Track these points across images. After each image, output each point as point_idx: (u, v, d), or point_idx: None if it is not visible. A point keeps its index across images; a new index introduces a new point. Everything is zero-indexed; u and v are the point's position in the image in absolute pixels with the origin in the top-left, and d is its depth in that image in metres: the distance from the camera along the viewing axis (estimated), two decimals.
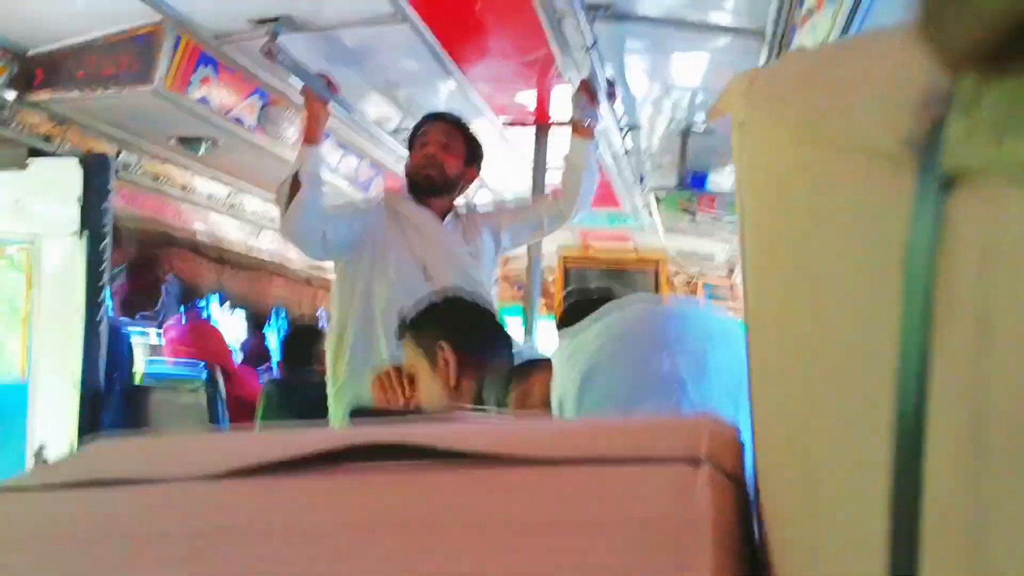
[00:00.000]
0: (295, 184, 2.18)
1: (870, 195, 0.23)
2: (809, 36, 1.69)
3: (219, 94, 2.53)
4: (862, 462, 0.24)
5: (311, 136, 2.26)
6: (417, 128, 2.43)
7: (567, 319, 2.57)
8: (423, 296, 1.86)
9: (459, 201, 2.47)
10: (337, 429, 1.58)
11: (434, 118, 2.42)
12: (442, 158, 2.35)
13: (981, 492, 0.18)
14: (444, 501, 0.45)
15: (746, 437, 0.57)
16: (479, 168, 2.48)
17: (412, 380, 1.65)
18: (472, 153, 2.43)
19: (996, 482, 0.17)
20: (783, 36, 1.91)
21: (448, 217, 2.41)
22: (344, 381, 2.32)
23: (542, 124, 3.12)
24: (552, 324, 4.44)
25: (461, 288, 1.91)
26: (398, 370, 1.69)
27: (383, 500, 0.46)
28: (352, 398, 2.27)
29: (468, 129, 2.44)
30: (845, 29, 1.50)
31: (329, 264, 2.46)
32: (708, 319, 0.98)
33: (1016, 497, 0.17)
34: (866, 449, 0.23)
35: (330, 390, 2.38)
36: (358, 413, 0.96)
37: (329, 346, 2.39)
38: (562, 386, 0.95)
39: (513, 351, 1.65)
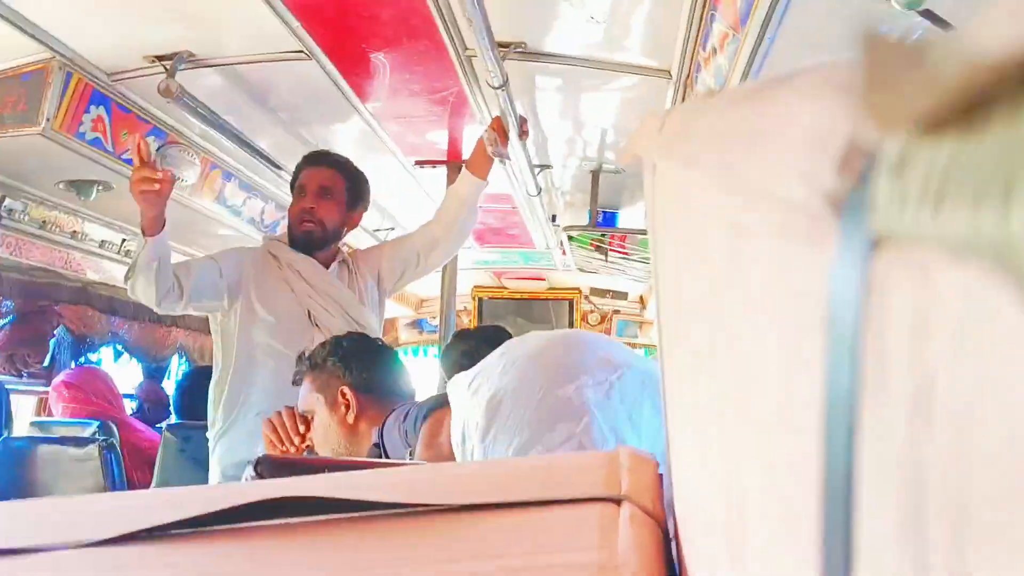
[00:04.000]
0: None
1: (790, 249, 0.22)
2: (713, 76, 1.73)
3: (112, 135, 2.43)
4: (790, 532, 0.22)
5: (146, 229, 2.10)
6: (297, 171, 2.38)
7: (451, 357, 2.53)
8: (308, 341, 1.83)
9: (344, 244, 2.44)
10: (234, 485, 1.53)
11: (312, 161, 2.37)
12: (320, 212, 2.31)
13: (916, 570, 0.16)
14: (357, 558, 0.41)
15: (662, 470, 0.56)
16: (366, 206, 2.44)
17: (307, 422, 1.61)
18: (356, 195, 2.39)
19: (934, 562, 0.15)
20: (688, 75, 1.96)
21: (333, 265, 2.36)
22: (222, 428, 2.26)
23: (453, 163, 3.11)
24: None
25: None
26: (291, 412, 1.65)
27: (287, 561, 0.42)
28: (229, 446, 2.22)
29: (350, 168, 2.39)
30: (746, 70, 1.54)
31: None
32: (609, 347, 0.98)
33: None
34: (793, 519, 0.22)
35: (210, 436, 2.31)
36: (261, 463, 0.91)
37: (210, 395, 2.32)
38: (464, 418, 0.93)
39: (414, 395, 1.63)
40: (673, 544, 0.45)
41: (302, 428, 1.63)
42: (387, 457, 1.32)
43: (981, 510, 0.14)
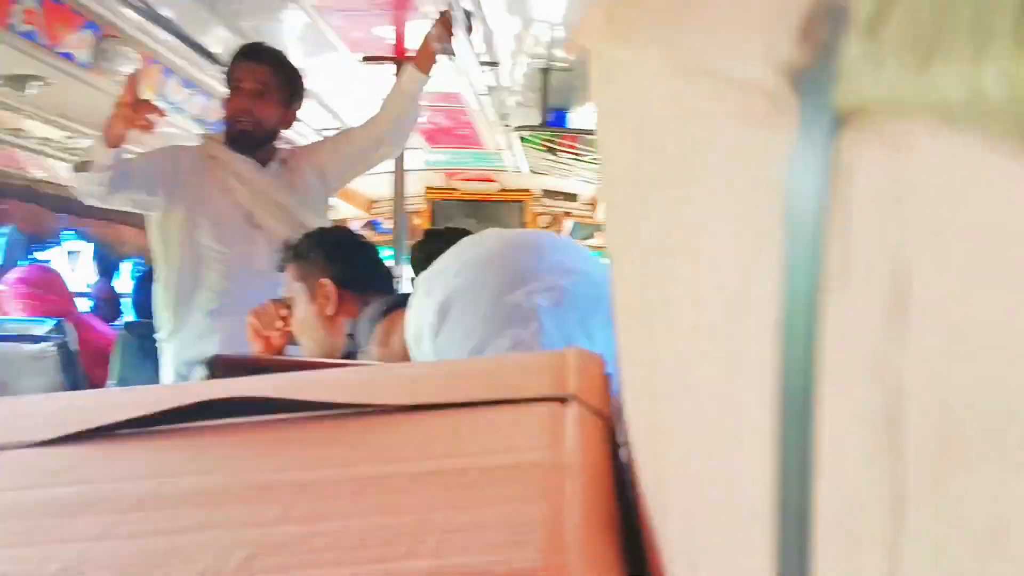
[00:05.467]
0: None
1: (746, 134, 0.20)
2: None
3: (47, 27, 2.31)
4: (741, 439, 0.21)
5: (112, 137, 2.05)
6: (232, 65, 2.29)
7: (419, 256, 2.56)
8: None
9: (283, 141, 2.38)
10: (182, 385, 1.54)
11: (247, 56, 2.28)
12: (257, 111, 2.24)
13: (891, 490, 0.14)
14: (303, 457, 0.42)
15: (611, 369, 0.57)
16: (301, 103, 2.37)
17: (289, 310, 1.64)
18: (292, 92, 2.32)
19: (912, 481, 0.14)
20: None
21: (271, 164, 2.31)
22: (170, 330, 2.25)
23: (400, 60, 3.03)
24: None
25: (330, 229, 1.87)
26: (276, 303, 1.67)
27: (236, 461, 0.42)
28: (179, 346, 2.22)
29: (285, 64, 2.31)
30: None
31: None
32: (564, 251, 0.98)
33: (935, 503, 0.14)
34: (746, 426, 0.21)
35: (159, 338, 2.30)
36: (214, 363, 0.91)
37: (154, 299, 2.29)
38: (418, 318, 0.93)
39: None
40: (622, 448, 0.46)
41: (284, 313, 1.65)
42: (359, 348, 1.34)
43: (970, 426, 0.13)
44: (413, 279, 3.22)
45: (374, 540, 0.31)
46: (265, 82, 2.25)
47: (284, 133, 2.39)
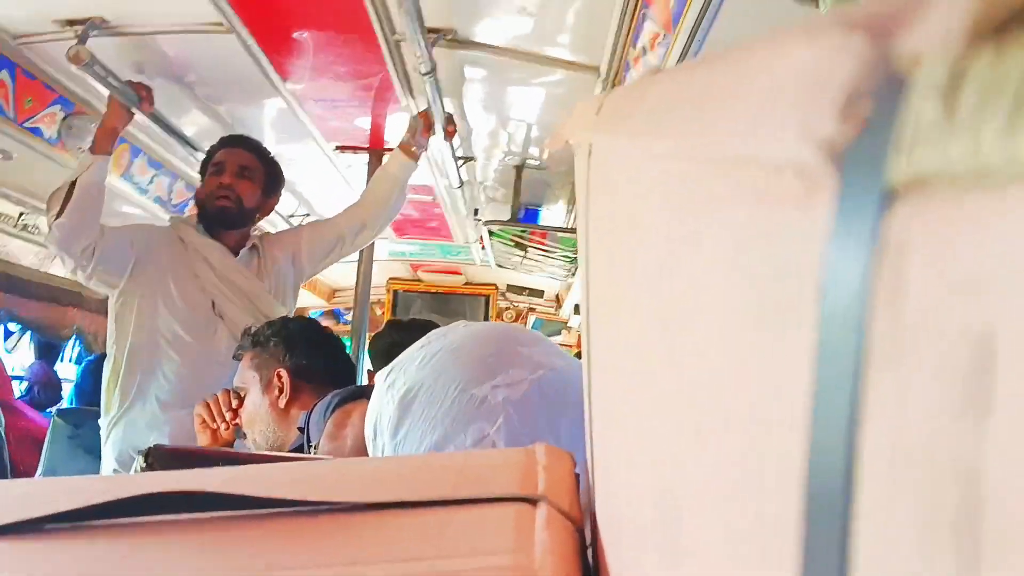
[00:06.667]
0: (71, 192, 2.03)
1: (769, 215, 0.19)
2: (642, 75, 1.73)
3: (16, 101, 2.30)
4: (746, 541, 0.19)
5: (101, 145, 2.14)
6: (212, 152, 2.32)
7: (380, 347, 2.53)
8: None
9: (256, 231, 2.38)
10: (121, 476, 1.46)
11: (231, 143, 2.32)
12: (239, 189, 2.25)
13: None
14: (253, 559, 0.38)
15: (580, 470, 0.54)
16: (279, 197, 2.40)
17: (241, 400, 1.58)
18: (272, 183, 2.35)
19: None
20: (616, 73, 1.96)
21: (243, 251, 2.30)
22: (116, 415, 2.17)
23: (375, 150, 3.06)
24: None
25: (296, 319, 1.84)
26: (226, 392, 1.62)
27: (180, 564, 0.38)
28: (125, 434, 2.14)
29: (268, 155, 2.36)
30: None
31: None
32: (534, 344, 0.95)
33: None
34: (754, 525, 0.19)
35: (102, 423, 2.21)
36: (152, 453, 0.86)
37: (104, 379, 2.22)
38: (377, 412, 0.90)
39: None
40: (590, 550, 0.43)
41: (235, 403, 1.59)
42: (309, 443, 1.29)
43: None
44: (370, 371, 3.17)
45: None
46: (248, 165, 2.27)
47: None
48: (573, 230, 3.81)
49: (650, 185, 0.26)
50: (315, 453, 1.25)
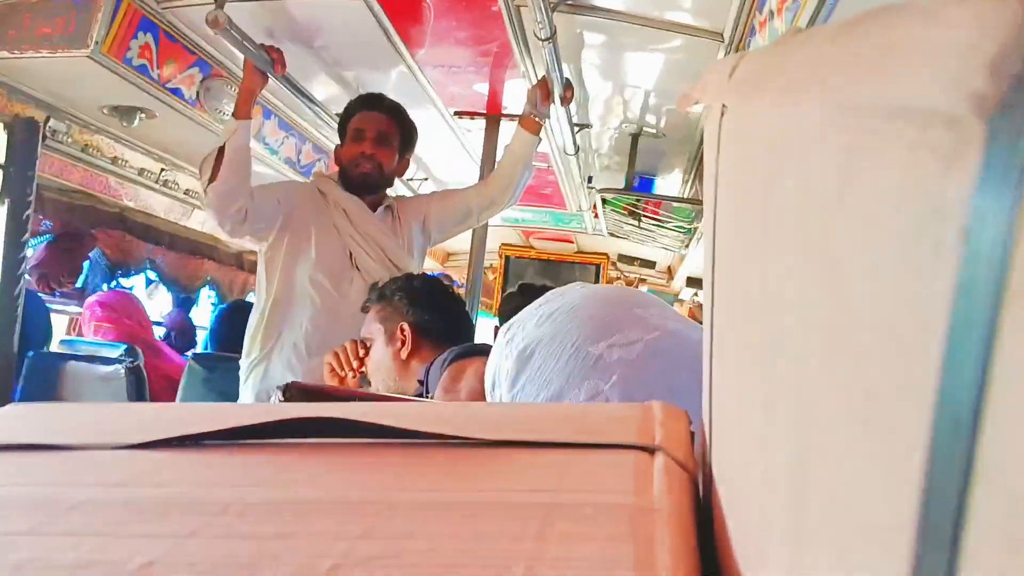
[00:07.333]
0: (220, 157, 2.13)
1: (920, 166, 0.19)
2: (768, 41, 1.69)
3: (159, 63, 2.44)
4: (884, 475, 0.20)
5: (242, 110, 2.23)
6: (350, 113, 2.38)
7: (507, 308, 2.59)
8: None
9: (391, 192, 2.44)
10: (266, 406, 1.56)
11: (369, 105, 2.37)
12: (379, 156, 2.31)
13: None
14: (390, 479, 0.41)
15: (696, 427, 0.55)
16: (412, 153, 2.45)
17: (367, 349, 1.66)
18: (407, 143, 2.40)
19: None
20: (741, 39, 1.91)
21: (380, 208, 2.37)
22: (255, 358, 2.29)
23: (492, 116, 3.09)
24: (491, 321, 4.43)
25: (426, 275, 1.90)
26: (353, 342, 1.70)
27: (322, 477, 0.42)
28: (260, 375, 2.26)
29: (405, 116, 2.40)
30: None
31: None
32: (649, 307, 0.96)
33: None
34: (891, 463, 0.20)
35: (242, 364, 2.34)
36: (290, 389, 0.92)
37: (249, 324, 2.35)
38: (497, 365, 0.93)
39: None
40: (706, 498, 0.44)
41: (361, 353, 1.68)
42: (427, 394, 1.35)
43: None
44: (496, 327, 3.24)
45: (461, 562, 0.31)
46: (387, 131, 2.33)
47: None
48: (689, 200, 3.75)
49: (792, 144, 0.27)
50: None
